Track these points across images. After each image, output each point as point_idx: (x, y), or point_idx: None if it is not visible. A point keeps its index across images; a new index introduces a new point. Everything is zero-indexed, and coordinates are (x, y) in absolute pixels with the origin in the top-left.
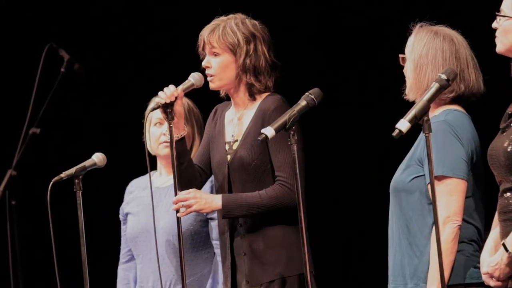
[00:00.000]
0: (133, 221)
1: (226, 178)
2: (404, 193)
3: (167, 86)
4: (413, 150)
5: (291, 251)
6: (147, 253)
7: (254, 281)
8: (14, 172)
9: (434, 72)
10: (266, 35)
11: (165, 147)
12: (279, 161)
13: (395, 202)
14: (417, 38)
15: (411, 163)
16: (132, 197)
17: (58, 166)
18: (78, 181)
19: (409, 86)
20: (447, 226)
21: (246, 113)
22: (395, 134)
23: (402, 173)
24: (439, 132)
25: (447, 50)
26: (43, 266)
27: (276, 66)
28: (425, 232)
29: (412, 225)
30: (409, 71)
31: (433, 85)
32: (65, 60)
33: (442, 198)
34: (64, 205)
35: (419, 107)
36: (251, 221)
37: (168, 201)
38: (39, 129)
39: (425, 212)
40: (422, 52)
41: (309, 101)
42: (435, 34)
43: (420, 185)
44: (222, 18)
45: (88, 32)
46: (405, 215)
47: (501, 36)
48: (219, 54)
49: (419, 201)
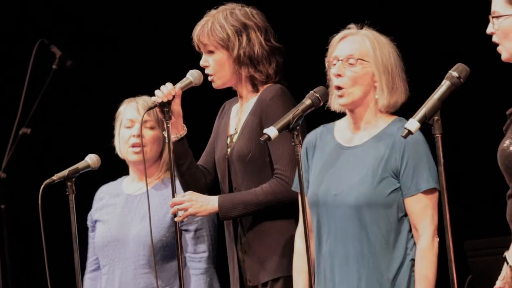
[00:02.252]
0: (102, 229)
1: (226, 171)
2: (382, 208)
3: (163, 84)
4: (382, 163)
5: (292, 250)
6: (116, 263)
7: (256, 280)
8: (3, 174)
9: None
10: (259, 21)
11: (134, 153)
12: (277, 153)
13: (363, 217)
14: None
15: (385, 176)
16: (102, 204)
17: (49, 168)
18: (71, 184)
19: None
20: (436, 240)
21: (247, 105)
22: (404, 135)
23: (376, 186)
24: (420, 143)
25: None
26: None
27: (275, 50)
28: (401, 245)
29: (389, 241)
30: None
31: (444, 82)
32: (57, 56)
33: (428, 211)
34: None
35: (430, 106)
36: (251, 220)
37: (141, 209)
38: (29, 129)
39: (399, 225)
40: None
41: (314, 100)
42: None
43: (397, 198)
44: (211, 13)
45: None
46: (383, 231)
47: (502, 39)
48: (213, 51)
49: (396, 214)
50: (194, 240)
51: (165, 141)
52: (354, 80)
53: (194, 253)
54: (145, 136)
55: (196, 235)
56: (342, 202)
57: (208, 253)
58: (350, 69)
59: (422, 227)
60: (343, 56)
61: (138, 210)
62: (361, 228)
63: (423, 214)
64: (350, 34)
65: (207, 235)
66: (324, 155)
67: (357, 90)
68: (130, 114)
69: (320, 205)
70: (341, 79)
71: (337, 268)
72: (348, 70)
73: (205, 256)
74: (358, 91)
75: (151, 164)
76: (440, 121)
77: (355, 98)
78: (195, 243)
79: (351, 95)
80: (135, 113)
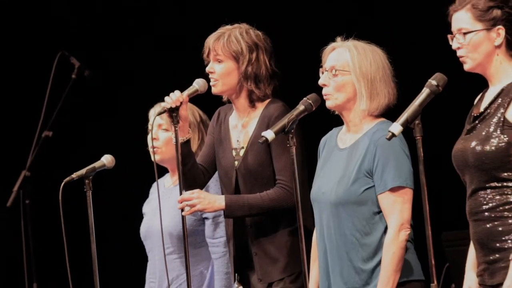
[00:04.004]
0: (144, 221)
1: (234, 182)
2: (356, 205)
3: (173, 92)
4: (358, 163)
5: (298, 250)
6: (153, 251)
7: (267, 279)
8: (28, 172)
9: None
10: (268, 45)
11: (153, 154)
12: (279, 165)
13: (340, 213)
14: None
15: (359, 176)
16: (149, 198)
17: (69, 167)
18: (88, 181)
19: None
20: (401, 233)
21: (250, 121)
22: (388, 137)
23: (351, 185)
24: (390, 144)
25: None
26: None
27: (275, 75)
28: (376, 238)
29: (364, 234)
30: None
31: (424, 90)
32: (75, 67)
33: (396, 207)
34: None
35: (411, 112)
36: (260, 223)
37: (171, 202)
38: (51, 132)
39: (375, 220)
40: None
41: (307, 106)
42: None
43: (371, 196)
44: (227, 27)
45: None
46: (357, 226)
47: (471, 52)
48: (222, 61)
49: (370, 211)
50: (213, 226)
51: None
52: (337, 89)
53: (212, 238)
54: (160, 138)
55: (214, 221)
56: (327, 200)
57: (225, 237)
58: (333, 79)
59: (390, 221)
60: (328, 67)
61: (168, 202)
62: (339, 224)
63: (392, 210)
64: (336, 46)
65: (223, 221)
66: (326, 155)
67: (341, 96)
68: (150, 120)
69: (314, 202)
70: (326, 88)
71: (325, 259)
72: (332, 80)
73: (222, 240)
74: (341, 97)
75: (174, 162)
76: (420, 125)
77: (339, 103)
78: (213, 229)
79: (335, 100)
80: (151, 119)
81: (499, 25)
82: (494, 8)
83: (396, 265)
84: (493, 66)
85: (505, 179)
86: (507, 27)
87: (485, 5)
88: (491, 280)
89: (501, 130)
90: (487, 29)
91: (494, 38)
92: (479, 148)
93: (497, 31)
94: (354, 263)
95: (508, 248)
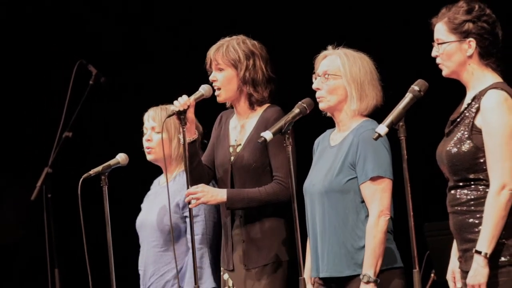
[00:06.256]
0: (139, 215)
1: (229, 175)
2: (340, 194)
3: (181, 96)
4: (343, 157)
5: (283, 240)
6: (143, 242)
7: (251, 265)
8: (50, 169)
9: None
10: (263, 53)
11: (147, 154)
12: (277, 163)
13: (326, 202)
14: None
15: (344, 168)
16: (148, 193)
17: (87, 165)
18: (104, 178)
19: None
20: (381, 219)
21: (248, 122)
22: (374, 137)
23: (336, 176)
24: (371, 139)
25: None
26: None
27: (271, 80)
28: (360, 225)
29: (348, 220)
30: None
31: (407, 95)
32: (93, 74)
33: (376, 195)
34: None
35: (396, 114)
36: (250, 214)
37: (162, 199)
38: (71, 133)
39: (358, 209)
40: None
41: (302, 109)
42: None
43: (353, 186)
44: (226, 39)
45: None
46: (341, 212)
47: (445, 61)
48: (223, 69)
49: (353, 199)
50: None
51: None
52: (329, 92)
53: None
54: (153, 139)
55: (193, 220)
56: (316, 190)
57: (201, 235)
58: (326, 83)
59: (370, 209)
60: (321, 73)
61: (158, 199)
62: (324, 212)
63: (372, 198)
64: (328, 54)
65: (201, 220)
66: (320, 154)
67: (333, 98)
68: (144, 123)
69: (306, 193)
70: (319, 92)
71: (315, 244)
72: (324, 84)
73: (197, 238)
74: (333, 99)
75: (169, 162)
76: (404, 126)
77: (331, 104)
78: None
79: (328, 102)
80: (145, 121)
81: (471, 38)
82: (467, 22)
83: (378, 248)
84: (467, 74)
85: (473, 179)
86: (477, 39)
87: (460, 19)
88: (465, 266)
89: (469, 135)
90: (459, 41)
91: (466, 49)
92: (452, 151)
93: (469, 43)
94: (340, 248)
95: (476, 240)
